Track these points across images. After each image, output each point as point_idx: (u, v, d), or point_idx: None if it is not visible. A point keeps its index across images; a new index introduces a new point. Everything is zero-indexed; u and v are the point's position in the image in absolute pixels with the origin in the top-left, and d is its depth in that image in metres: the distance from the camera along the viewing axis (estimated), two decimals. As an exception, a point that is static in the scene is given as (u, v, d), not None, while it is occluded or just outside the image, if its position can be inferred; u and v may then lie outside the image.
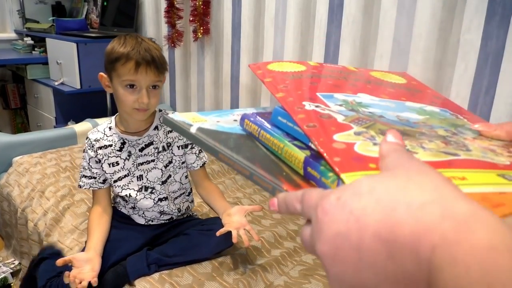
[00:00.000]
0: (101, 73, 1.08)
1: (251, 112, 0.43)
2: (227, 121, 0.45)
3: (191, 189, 1.23)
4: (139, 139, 1.11)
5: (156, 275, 1.04)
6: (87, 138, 1.14)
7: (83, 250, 1.11)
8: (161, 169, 1.13)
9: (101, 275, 1.01)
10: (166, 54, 2.33)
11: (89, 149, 1.12)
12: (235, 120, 0.45)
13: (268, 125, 0.39)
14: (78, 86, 2.24)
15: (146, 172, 1.12)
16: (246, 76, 1.93)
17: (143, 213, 1.16)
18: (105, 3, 2.62)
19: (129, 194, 1.12)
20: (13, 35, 3.00)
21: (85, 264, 0.96)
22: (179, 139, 1.14)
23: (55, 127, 2.43)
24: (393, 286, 0.21)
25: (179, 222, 1.19)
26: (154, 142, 1.12)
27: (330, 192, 0.25)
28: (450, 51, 1.30)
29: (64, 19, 2.72)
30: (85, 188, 1.14)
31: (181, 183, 1.17)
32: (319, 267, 1.05)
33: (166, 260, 1.06)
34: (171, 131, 1.13)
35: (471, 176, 0.29)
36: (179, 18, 2.16)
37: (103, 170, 1.12)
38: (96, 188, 1.14)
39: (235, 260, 1.10)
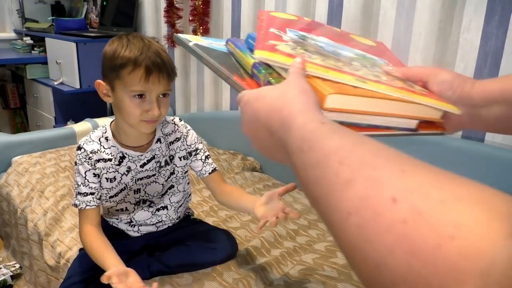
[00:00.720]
0: (99, 81, 0.92)
1: (233, 38, 0.58)
2: (219, 44, 0.59)
3: (190, 191, 1.21)
4: (141, 155, 0.98)
5: (156, 277, 1.04)
6: (80, 148, 0.96)
7: (81, 249, 1.11)
8: (162, 184, 1.04)
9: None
10: (165, 53, 2.33)
11: (84, 161, 0.95)
12: (225, 45, 0.60)
13: (240, 44, 0.55)
14: (78, 86, 2.24)
15: (144, 186, 1.02)
16: (246, 75, 1.93)
17: (138, 228, 1.08)
18: (104, 3, 2.62)
19: (126, 207, 1.04)
20: (12, 35, 3.00)
21: (127, 278, 0.85)
22: (180, 150, 1.04)
23: (54, 127, 2.43)
24: (274, 148, 0.38)
25: (175, 228, 1.13)
26: (156, 156, 1.00)
27: (246, 94, 0.42)
28: (449, 51, 1.30)
29: (63, 19, 2.72)
30: (81, 208, 0.96)
31: (184, 191, 1.10)
32: (319, 267, 1.05)
33: (168, 271, 1.05)
34: (173, 142, 1.02)
35: (338, 75, 0.44)
36: (179, 18, 2.16)
37: (100, 185, 0.98)
38: (94, 206, 0.97)
39: (235, 260, 1.10)
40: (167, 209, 1.08)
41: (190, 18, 2.05)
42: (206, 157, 1.07)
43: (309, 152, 0.30)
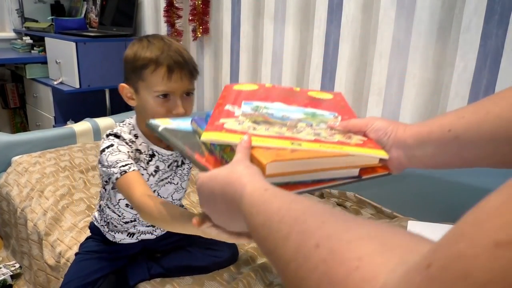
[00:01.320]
0: (122, 84, 0.90)
1: (197, 117, 0.63)
2: (186, 124, 0.64)
3: None
4: (171, 154, 0.96)
5: (157, 278, 1.05)
6: (118, 136, 0.89)
7: (80, 249, 1.11)
8: (176, 184, 1.02)
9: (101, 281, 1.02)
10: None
11: (126, 144, 0.89)
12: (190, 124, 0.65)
13: (202, 123, 0.59)
14: (77, 86, 2.24)
15: (160, 187, 1.00)
16: (245, 75, 1.93)
17: (137, 237, 1.07)
18: (104, 2, 2.62)
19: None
20: (12, 34, 2.99)
21: None
22: None
23: (54, 126, 2.42)
24: (232, 217, 0.46)
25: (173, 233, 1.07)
26: (176, 155, 0.99)
27: (200, 177, 0.48)
28: (449, 51, 1.30)
29: (63, 18, 2.72)
30: (132, 170, 0.82)
31: (184, 189, 1.08)
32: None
33: (168, 274, 1.05)
34: None
35: (275, 142, 0.50)
36: (179, 18, 2.16)
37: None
38: (137, 169, 0.85)
39: (236, 264, 1.10)
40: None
41: (190, 18, 2.05)
42: None
43: (257, 215, 0.37)
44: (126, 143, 0.89)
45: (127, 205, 0.99)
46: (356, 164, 0.53)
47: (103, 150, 0.87)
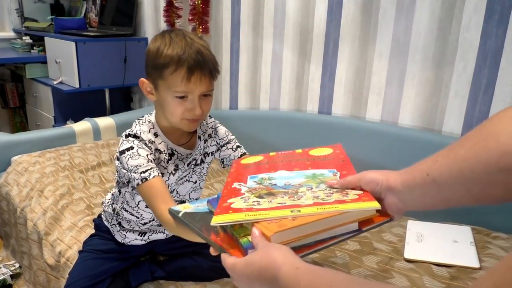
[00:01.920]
0: (143, 79, 0.90)
1: (211, 198, 0.70)
2: (204, 205, 0.71)
3: None
4: (190, 153, 0.96)
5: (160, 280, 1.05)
6: (137, 137, 0.89)
7: (84, 246, 1.11)
8: (194, 182, 1.02)
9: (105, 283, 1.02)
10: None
11: (145, 146, 0.88)
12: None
13: (214, 204, 0.65)
14: (77, 85, 2.24)
15: (179, 185, 1.00)
16: (245, 74, 1.93)
17: (148, 237, 1.06)
18: (104, 2, 2.62)
19: None
20: (11, 34, 2.99)
21: None
22: (211, 145, 1.02)
23: (54, 126, 2.42)
24: None
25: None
26: (195, 154, 0.99)
27: (230, 262, 0.54)
28: (449, 50, 1.30)
29: (63, 18, 2.72)
30: (154, 177, 0.84)
31: (201, 188, 1.07)
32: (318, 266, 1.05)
33: (172, 279, 1.05)
34: (207, 140, 1.01)
35: (277, 213, 0.55)
36: (178, 17, 2.16)
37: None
38: (158, 174, 0.86)
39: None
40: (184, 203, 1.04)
41: (190, 18, 2.05)
42: (238, 146, 1.05)
43: None
44: (146, 144, 0.89)
45: (146, 206, 0.97)
46: (354, 219, 0.57)
47: (123, 152, 0.87)
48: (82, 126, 2.03)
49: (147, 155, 0.87)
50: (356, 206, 0.56)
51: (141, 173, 0.84)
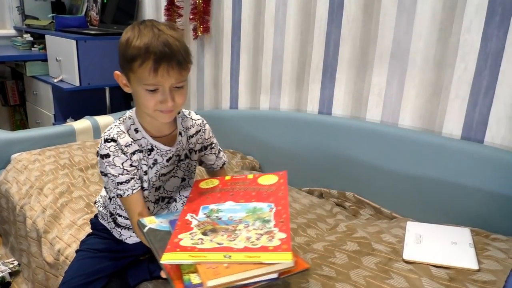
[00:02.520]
0: (117, 72, 0.90)
1: (173, 217, 0.87)
2: (166, 221, 0.86)
3: None
4: (169, 150, 0.97)
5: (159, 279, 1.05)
6: (113, 140, 0.90)
7: (81, 245, 1.11)
8: (181, 178, 1.03)
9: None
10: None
11: (121, 153, 0.91)
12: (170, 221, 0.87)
13: (173, 225, 0.83)
14: (77, 84, 2.24)
15: (164, 182, 1.01)
16: (246, 74, 1.93)
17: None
18: (105, 1, 2.62)
19: (147, 207, 0.99)
20: (12, 32, 2.99)
21: None
22: (197, 143, 1.04)
23: (54, 124, 2.42)
24: None
25: None
26: (177, 150, 0.99)
27: None
28: (449, 52, 1.30)
29: (63, 16, 2.72)
30: (127, 195, 0.91)
31: (191, 186, 1.09)
32: (317, 266, 1.05)
33: None
34: (192, 136, 1.02)
35: (211, 255, 0.72)
36: (179, 16, 2.16)
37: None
38: (139, 188, 0.93)
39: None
40: (176, 202, 1.05)
41: (191, 17, 2.05)
42: (219, 150, 1.08)
43: None
44: (122, 150, 0.90)
45: None
46: (274, 270, 0.71)
47: (101, 157, 0.91)
48: (82, 124, 2.03)
49: (122, 164, 0.90)
50: (275, 257, 0.71)
51: (118, 185, 0.91)
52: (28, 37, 2.80)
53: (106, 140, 0.91)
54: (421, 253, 1.06)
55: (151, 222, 0.85)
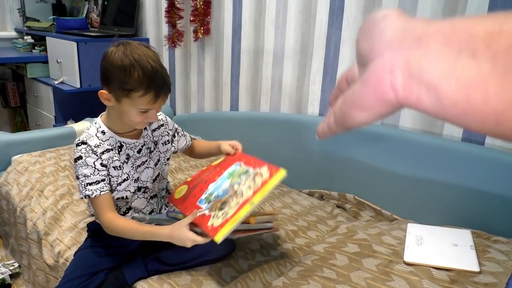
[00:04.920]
0: (103, 92, 0.97)
1: (172, 209, 1.09)
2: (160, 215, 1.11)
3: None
4: (136, 142, 1.08)
5: (154, 276, 1.05)
6: (84, 143, 1.00)
7: (79, 247, 1.11)
8: (153, 168, 1.12)
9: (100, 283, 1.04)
10: (166, 54, 2.33)
11: (92, 153, 1.00)
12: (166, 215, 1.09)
13: (177, 213, 1.06)
14: (78, 85, 2.24)
15: (140, 173, 1.10)
16: (246, 76, 1.93)
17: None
18: (105, 3, 2.62)
19: (126, 196, 1.09)
20: (13, 34, 3.00)
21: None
22: (163, 135, 1.14)
23: (54, 126, 2.42)
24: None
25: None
26: (145, 142, 1.10)
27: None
28: (450, 53, 1.30)
29: (64, 18, 2.72)
30: (95, 196, 0.99)
31: (165, 179, 1.19)
32: (318, 268, 1.05)
33: (166, 268, 1.07)
34: (155, 130, 1.13)
35: (241, 213, 0.86)
36: (180, 18, 2.16)
37: (109, 174, 1.03)
38: (107, 191, 1.01)
39: (234, 260, 1.10)
40: (157, 197, 1.16)
41: (191, 19, 2.05)
42: (182, 131, 1.23)
43: None
44: (92, 150, 1.00)
45: (118, 199, 1.08)
46: (269, 220, 1.05)
47: (75, 160, 1.01)
48: (83, 126, 2.04)
49: (94, 162, 1.00)
50: (276, 178, 0.87)
51: (86, 185, 0.99)
52: (29, 39, 2.80)
53: (77, 145, 1.01)
54: (422, 255, 1.05)
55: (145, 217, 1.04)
